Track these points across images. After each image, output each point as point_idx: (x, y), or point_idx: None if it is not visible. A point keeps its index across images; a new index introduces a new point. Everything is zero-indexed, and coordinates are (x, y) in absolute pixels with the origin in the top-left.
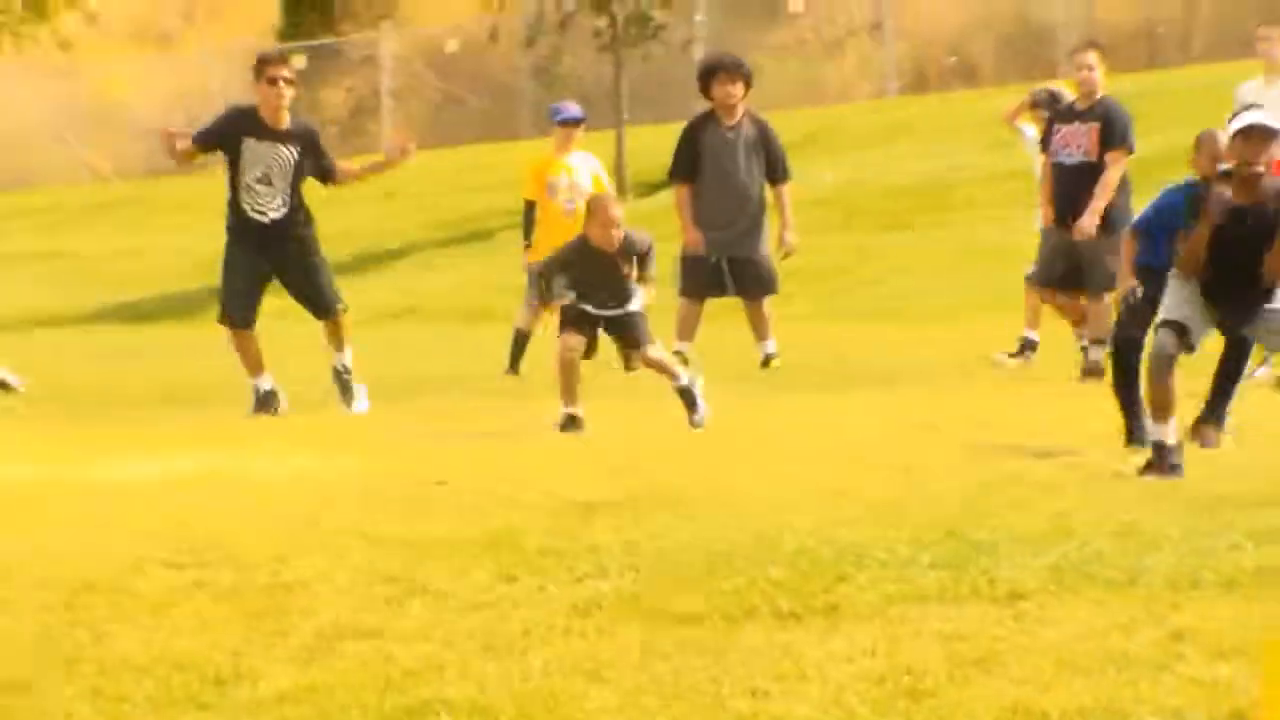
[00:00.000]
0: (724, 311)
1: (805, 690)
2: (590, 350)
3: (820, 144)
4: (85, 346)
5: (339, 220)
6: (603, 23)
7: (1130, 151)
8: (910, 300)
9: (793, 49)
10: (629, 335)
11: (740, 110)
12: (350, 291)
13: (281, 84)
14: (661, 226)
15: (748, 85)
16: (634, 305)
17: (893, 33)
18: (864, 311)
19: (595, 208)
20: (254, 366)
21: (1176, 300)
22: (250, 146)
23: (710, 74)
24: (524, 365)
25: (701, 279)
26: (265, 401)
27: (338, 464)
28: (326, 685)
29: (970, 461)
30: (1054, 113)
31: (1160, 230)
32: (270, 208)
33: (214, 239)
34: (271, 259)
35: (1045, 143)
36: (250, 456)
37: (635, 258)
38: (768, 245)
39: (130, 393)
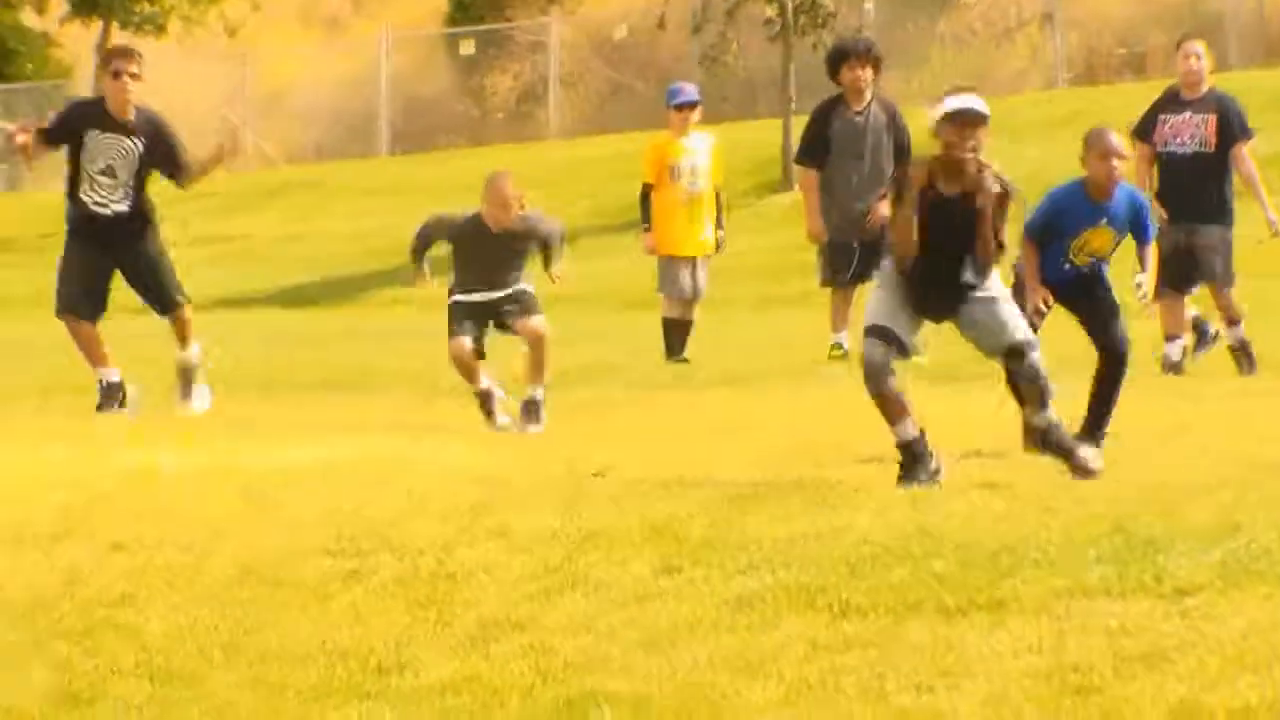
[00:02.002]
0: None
1: (969, 686)
2: (479, 351)
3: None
4: (251, 330)
5: None
6: (773, 11)
7: (1251, 139)
8: None
9: (962, 39)
10: (519, 306)
11: (869, 94)
12: None
13: (126, 78)
14: None
15: (877, 69)
16: (523, 285)
17: (1063, 23)
18: None
19: (489, 184)
20: (96, 358)
21: (879, 304)
22: (94, 138)
23: (839, 58)
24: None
25: (840, 265)
26: (109, 393)
27: (498, 453)
28: (487, 676)
29: (1137, 454)
30: (1157, 103)
31: (1055, 237)
32: (112, 200)
33: (378, 223)
34: (113, 253)
35: (1144, 133)
36: (412, 444)
37: (542, 248)
38: None
39: (293, 377)
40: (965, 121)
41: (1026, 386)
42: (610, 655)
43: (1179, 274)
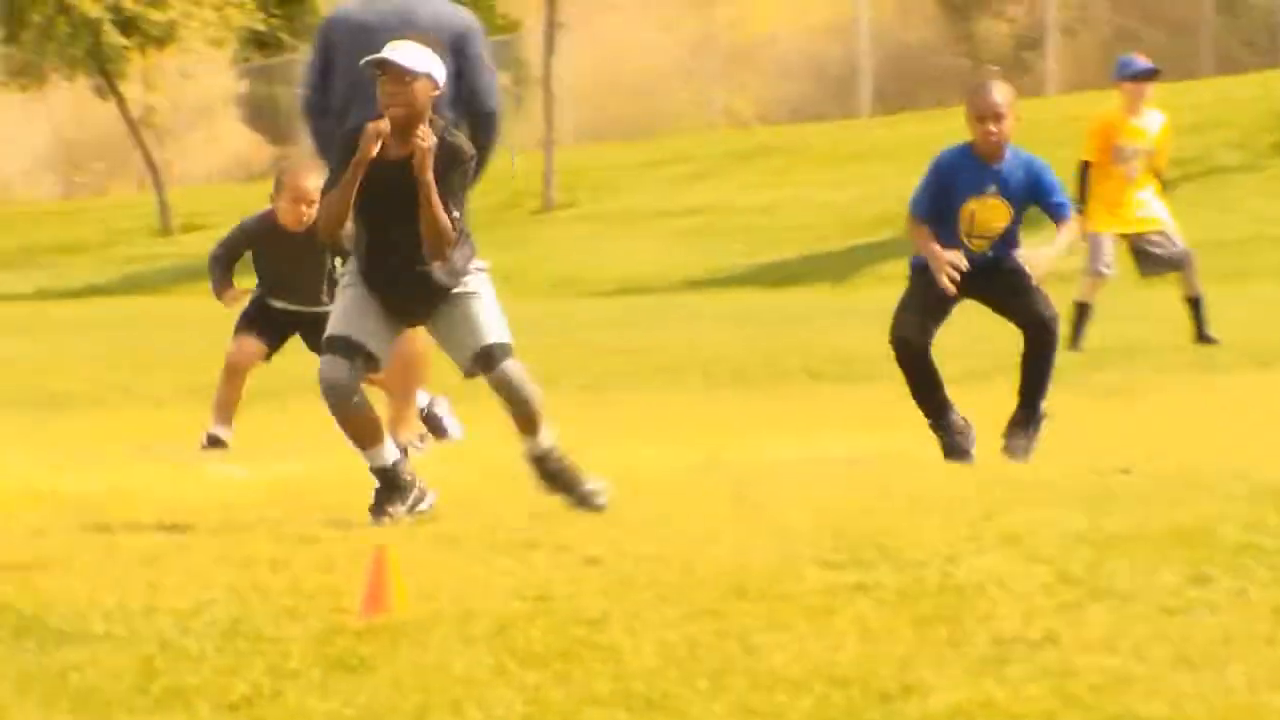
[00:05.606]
0: None
1: None
2: (269, 356)
3: None
4: (721, 311)
5: None
6: None
7: None
8: None
9: None
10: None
11: None
12: None
13: None
14: None
15: None
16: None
17: None
18: None
19: (285, 176)
20: None
21: (346, 306)
22: None
23: None
24: (1089, 341)
25: None
26: None
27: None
28: (1003, 700)
29: None
30: None
31: (945, 206)
32: None
33: (861, 191)
34: None
35: None
36: (906, 441)
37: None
38: None
39: (772, 365)
40: (392, 75)
41: (506, 403)
42: (1139, 675)
43: None
